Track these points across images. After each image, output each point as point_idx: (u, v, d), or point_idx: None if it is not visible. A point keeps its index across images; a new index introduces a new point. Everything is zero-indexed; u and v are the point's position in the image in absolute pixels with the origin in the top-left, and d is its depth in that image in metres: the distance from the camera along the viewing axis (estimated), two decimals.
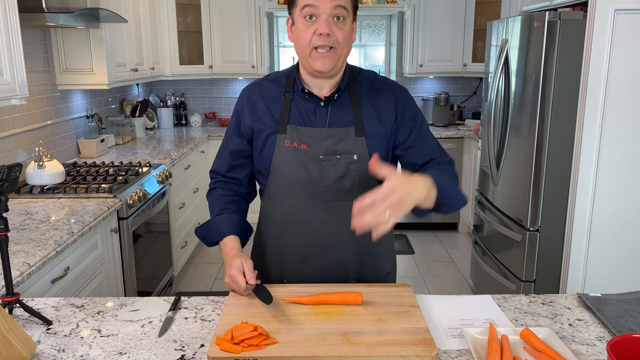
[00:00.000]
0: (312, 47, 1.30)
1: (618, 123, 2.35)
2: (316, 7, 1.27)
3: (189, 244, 3.81)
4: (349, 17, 1.31)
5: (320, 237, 1.42)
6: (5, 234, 1.22)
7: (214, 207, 1.49)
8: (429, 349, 1.08)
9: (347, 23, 1.31)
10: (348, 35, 1.32)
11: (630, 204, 2.43)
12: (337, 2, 1.27)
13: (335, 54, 1.31)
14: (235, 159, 1.49)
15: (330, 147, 1.37)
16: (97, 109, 3.76)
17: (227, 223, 1.44)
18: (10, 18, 2.01)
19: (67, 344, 1.15)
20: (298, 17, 1.31)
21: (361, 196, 1.07)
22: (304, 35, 1.30)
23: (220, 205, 1.48)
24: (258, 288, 1.30)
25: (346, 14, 1.30)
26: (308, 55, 1.32)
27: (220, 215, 1.46)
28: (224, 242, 1.42)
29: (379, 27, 5.36)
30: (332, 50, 1.30)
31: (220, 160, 1.52)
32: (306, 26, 1.30)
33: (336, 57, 1.32)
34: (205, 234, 1.48)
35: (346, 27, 1.31)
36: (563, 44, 2.45)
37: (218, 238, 1.44)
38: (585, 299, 1.35)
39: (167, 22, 4.33)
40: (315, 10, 1.27)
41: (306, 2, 1.28)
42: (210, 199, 1.52)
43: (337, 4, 1.27)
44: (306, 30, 1.30)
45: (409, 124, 1.42)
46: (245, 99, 1.46)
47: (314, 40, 1.29)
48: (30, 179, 2.43)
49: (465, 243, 4.45)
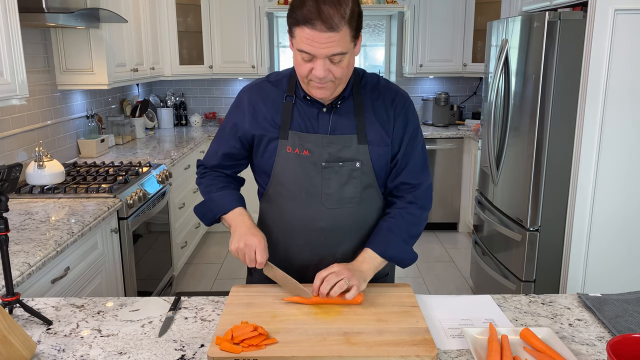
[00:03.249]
0: (309, 79, 1.28)
1: (618, 123, 2.35)
2: (310, 54, 1.22)
3: (189, 244, 3.81)
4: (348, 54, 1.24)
5: (322, 244, 1.42)
6: (5, 234, 1.22)
7: (210, 186, 1.48)
8: (429, 349, 1.08)
9: (346, 58, 1.25)
10: (347, 68, 1.27)
11: (630, 204, 2.43)
12: (334, 49, 1.20)
13: (334, 85, 1.28)
14: (226, 160, 1.49)
15: (333, 154, 1.36)
16: (97, 109, 3.76)
17: (231, 197, 1.44)
18: (10, 18, 2.01)
19: (67, 344, 1.15)
20: (294, 48, 1.26)
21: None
22: (300, 68, 1.26)
23: (219, 184, 1.48)
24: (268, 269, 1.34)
25: (343, 56, 1.23)
26: (306, 84, 1.30)
27: (222, 191, 1.45)
28: (232, 213, 1.41)
29: (379, 27, 5.36)
30: (330, 82, 1.27)
31: (210, 156, 1.51)
32: (303, 61, 1.25)
33: (334, 87, 1.29)
34: (205, 212, 1.46)
35: (344, 62, 1.25)
36: (563, 44, 2.45)
37: (222, 212, 1.43)
38: (585, 299, 1.35)
39: (167, 22, 4.33)
40: (309, 56, 1.22)
41: (301, 47, 1.21)
42: (203, 181, 1.50)
43: (334, 52, 1.20)
44: (303, 64, 1.25)
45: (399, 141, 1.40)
46: (245, 101, 1.43)
47: (311, 75, 1.26)
48: (30, 179, 2.43)
49: (465, 243, 4.45)
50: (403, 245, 1.39)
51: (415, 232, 1.42)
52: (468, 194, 4.53)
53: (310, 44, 1.20)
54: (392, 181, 1.43)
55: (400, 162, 1.41)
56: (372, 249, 1.37)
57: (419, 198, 1.42)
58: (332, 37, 1.18)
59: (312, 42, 1.20)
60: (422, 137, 1.46)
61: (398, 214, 1.41)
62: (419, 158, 1.43)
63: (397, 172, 1.42)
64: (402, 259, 1.40)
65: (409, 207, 1.41)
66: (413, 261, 1.42)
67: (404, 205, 1.42)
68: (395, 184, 1.43)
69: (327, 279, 1.25)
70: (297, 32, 1.22)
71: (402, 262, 1.41)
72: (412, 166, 1.42)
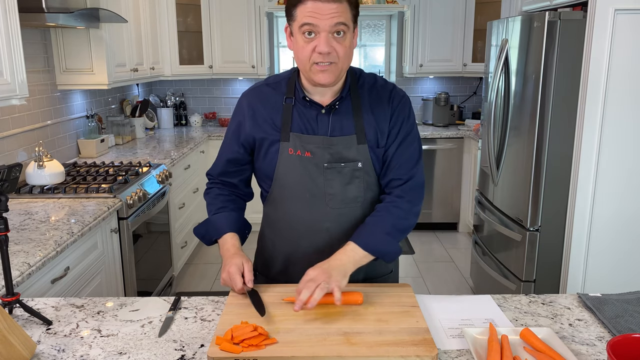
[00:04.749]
0: (312, 62, 1.28)
1: (618, 123, 2.35)
2: (315, 25, 1.23)
3: (189, 244, 3.81)
4: (349, 31, 1.28)
5: (327, 245, 1.42)
6: (5, 234, 1.22)
7: (211, 206, 1.49)
8: (429, 349, 1.08)
9: (348, 37, 1.28)
10: (349, 48, 1.29)
11: (630, 204, 2.43)
12: (337, 19, 1.23)
13: (337, 68, 1.29)
14: (230, 166, 1.49)
15: (335, 155, 1.37)
16: (97, 109, 3.76)
17: (225, 221, 1.44)
18: (10, 18, 2.01)
19: (67, 344, 1.15)
20: (297, 32, 1.28)
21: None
22: (303, 51, 1.28)
23: (218, 204, 1.48)
24: (253, 294, 1.29)
25: (346, 29, 1.26)
26: (308, 69, 1.30)
27: (218, 213, 1.46)
28: (223, 239, 1.42)
29: (379, 27, 5.36)
30: (333, 64, 1.28)
31: (216, 164, 1.52)
32: (305, 42, 1.27)
33: (337, 70, 1.30)
34: (203, 233, 1.48)
35: (346, 41, 1.28)
36: (563, 44, 2.45)
37: (216, 236, 1.44)
38: (585, 299, 1.35)
39: (167, 22, 4.33)
40: (314, 28, 1.24)
41: (305, 21, 1.24)
42: (207, 198, 1.52)
43: (337, 21, 1.23)
44: (305, 46, 1.27)
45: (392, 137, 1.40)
46: (245, 106, 1.44)
47: (314, 56, 1.27)
48: (30, 179, 2.43)
49: (465, 243, 4.45)
50: (386, 237, 1.35)
51: (402, 226, 1.39)
52: (468, 194, 4.53)
53: (313, 15, 1.23)
54: (384, 177, 1.42)
55: (392, 158, 1.40)
56: (354, 242, 1.34)
57: (407, 192, 1.40)
58: (336, 8, 1.23)
59: (316, 14, 1.22)
60: (418, 134, 1.45)
61: (384, 207, 1.39)
62: (412, 154, 1.42)
63: (388, 167, 1.41)
64: (384, 252, 1.36)
65: (396, 200, 1.39)
66: (397, 255, 1.39)
67: (391, 199, 1.40)
68: (387, 180, 1.42)
69: (306, 287, 1.21)
70: (298, 11, 1.25)
71: (385, 255, 1.37)
72: (404, 162, 1.41)
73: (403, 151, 1.41)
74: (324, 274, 1.24)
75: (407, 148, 1.41)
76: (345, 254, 1.32)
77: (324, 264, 1.28)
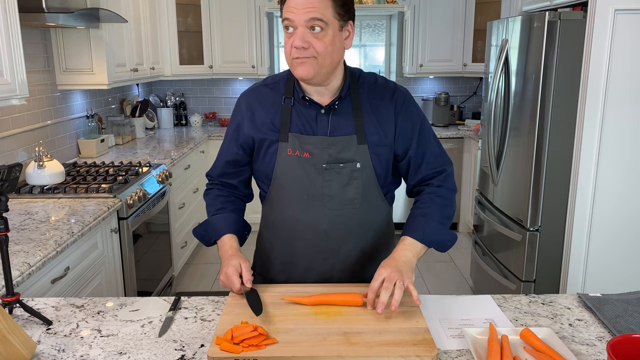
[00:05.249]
0: (292, 57, 1.28)
1: (618, 123, 2.35)
2: (292, 20, 1.25)
3: (189, 244, 3.81)
4: (329, 27, 1.26)
5: (325, 245, 1.42)
6: (5, 234, 1.22)
7: (210, 207, 1.49)
8: (429, 349, 1.08)
9: (329, 33, 1.26)
10: (330, 45, 1.27)
11: (630, 204, 2.43)
12: (312, 14, 1.23)
13: (316, 63, 1.27)
14: (229, 167, 1.49)
15: (333, 156, 1.36)
16: (97, 109, 3.76)
17: (224, 222, 1.44)
18: (10, 18, 2.01)
19: (67, 344, 1.15)
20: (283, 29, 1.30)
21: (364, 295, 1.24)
22: (285, 47, 1.30)
23: (217, 205, 1.48)
24: (251, 294, 1.28)
25: (324, 24, 1.25)
26: (291, 65, 1.31)
27: (217, 214, 1.45)
28: (222, 240, 1.42)
29: (379, 27, 5.36)
30: (312, 58, 1.27)
31: (215, 165, 1.52)
32: (287, 37, 1.28)
33: (317, 66, 1.28)
34: (202, 234, 1.48)
35: (326, 37, 1.26)
36: (563, 44, 2.45)
37: (215, 237, 1.44)
38: (585, 299, 1.35)
39: (167, 22, 4.33)
40: (291, 23, 1.25)
41: (284, 15, 1.26)
42: (207, 199, 1.52)
43: (312, 16, 1.23)
44: (287, 41, 1.29)
45: (407, 137, 1.41)
46: (243, 107, 1.43)
47: (292, 51, 1.27)
48: (30, 179, 2.43)
49: (465, 243, 4.45)
50: (440, 227, 1.37)
51: (449, 213, 1.41)
52: (468, 194, 4.53)
53: (291, 10, 1.25)
54: (415, 176, 1.44)
55: (416, 158, 1.42)
56: (411, 236, 1.34)
57: (445, 181, 1.43)
58: (312, 3, 1.23)
59: (293, 8, 1.24)
60: (430, 127, 1.47)
61: (429, 198, 1.40)
62: (434, 148, 1.45)
63: (416, 167, 1.43)
64: (441, 241, 1.38)
65: (437, 190, 1.42)
66: (453, 242, 1.40)
67: (432, 190, 1.42)
68: (419, 178, 1.44)
69: (384, 287, 1.20)
70: (283, 7, 1.27)
71: (442, 244, 1.38)
72: (430, 157, 1.43)
73: (425, 147, 1.43)
74: (396, 271, 1.23)
75: (427, 143, 1.43)
76: (407, 249, 1.32)
77: (392, 261, 1.28)
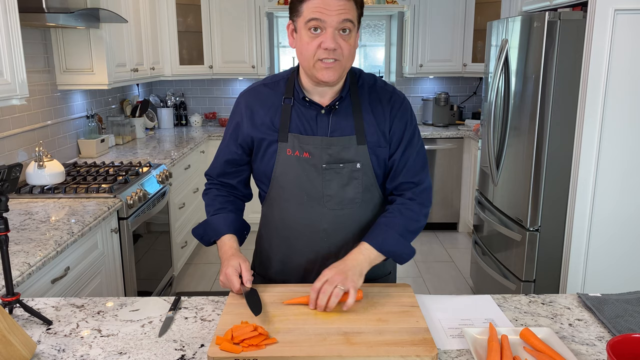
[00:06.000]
0: (316, 59, 1.27)
1: (618, 123, 2.35)
2: (323, 21, 1.23)
3: (189, 244, 3.81)
4: (354, 30, 1.28)
5: (325, 246, 1.42)
6: (5, 234, 1.22)
7: (209, 207, 1.49)
8: (429, 349, 1.08)
9: (353, 35, 1.28)
10: (353, 47, 1.29)
11: (630, 204, 2.43)
12: (345, 15, 1.23)
13: (341, 66, 1.28)
14: (228, 167, 1.49)
15: (333, 156, 1.36)
16: (97, 109, 3.76)
17: (223, 222, 1.44)
18: (10, 18, 2.01)
19: (67, 344, 1.15)
20: (302, 27, 1.27)
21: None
22: (308, 47, 1.27)
23: (216, 205, 1.48)
24: (251, 294, 1.28)
25: (352, 27, 1.26)
26: (312, 66, 1.29)
27: (216, 214, 1.45)
28: (221, 240, 1.42)
29: (379, 27, 5.36)
30: (338, 62, 1.27)
31: (214, 165, 1.52)
32: (311, 38, 1.26)
33: (341, 69, 1.29)
34: (202, 234, 1.48)
35: (351, 39, 1.28)
36: (563, 44, 2.45)
37: (215, 237, 1.44)
38: (585, 299, 1.35)
39: (167, 22, 4.33)
40: (321, 23, 1.23)
41: (313, 16, 1.23)
42: (206, 199, 1.52)
43: (345, 17, 1.23)
44: (311, 42, 1.26)
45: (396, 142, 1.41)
46: (243, 106, 1.43)
47: (319, 53, 1.26)
48: (30, 179, 2.43)
49: (465, 243, 4.45)
50: (400, 239, 1.36)
51: (414, 227, 1.40)
52: (468, 194, 4.53)
53: (321, 11, 1.23)
54: (392, 182, 1.43)
55: (398, 163, 1.41)
56: (369, 243, 1.34)
57: (418, 195, 1.42)
58: (344, 5, 1.23)
59: (324, 9, 1.22)
60: (420, 137, 1.46)
61: (396, 209, 1.40)
62: (418, 158, 1.43)
63: (396, 172, 1.42)
64: (398, 253, 1.37)
65: (408, 202, 1.41)
66: (410, 256, 1.40)
67: (403, 201, 1.41)
68: (395, 184, 1.43)
69: (322, 290, 1.22)
70: (305, 6, 1.25)
71: (399, 256, 1.38)
72: (411, 166, 1.42)
73: (409, 155, 1.41)
74: (340, 274, 1.24)
75: (412, 152, 1.42)
76: (360, 253, 1.32)
77: (340, 264, 1.29)
